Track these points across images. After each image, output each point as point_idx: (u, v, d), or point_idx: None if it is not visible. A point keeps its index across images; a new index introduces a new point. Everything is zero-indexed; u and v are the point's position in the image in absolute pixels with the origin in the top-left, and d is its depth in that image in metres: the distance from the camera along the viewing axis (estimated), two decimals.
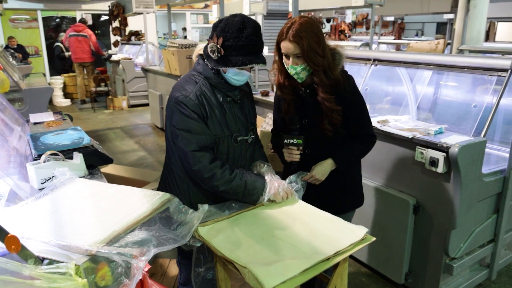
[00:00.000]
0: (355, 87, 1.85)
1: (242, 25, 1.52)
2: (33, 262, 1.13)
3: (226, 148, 1.69)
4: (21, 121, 2.84)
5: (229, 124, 1.68)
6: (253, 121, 1.79)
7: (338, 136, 1.85)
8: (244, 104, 1.77)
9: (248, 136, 1.75)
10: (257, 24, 1.58)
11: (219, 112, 1.65)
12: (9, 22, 10.35)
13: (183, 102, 1.59)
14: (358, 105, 1.85)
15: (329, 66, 1.73)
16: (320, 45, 1.69)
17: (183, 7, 12.62)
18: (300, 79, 1.77)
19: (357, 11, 10.98)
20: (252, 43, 1.54)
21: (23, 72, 6.81)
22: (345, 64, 3.33)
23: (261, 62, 1.58)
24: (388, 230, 2.57)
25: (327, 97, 1.75)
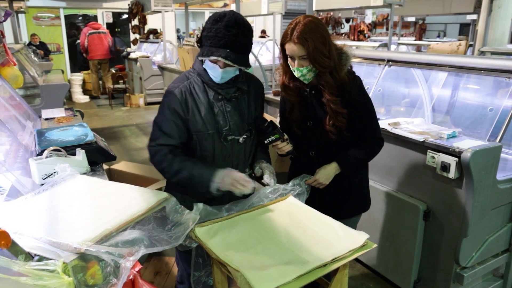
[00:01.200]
0: (362, 88, 1.78)
1: (220, 17, 1.52)
2: (23, 258, 1.13)
3: (211, 146, 1.66)
4: (33, 116, 2.88)
5: (218, 122, 1.64)
6: (251, 121, 1.73)
7: (343, 139, 1.79)
8: (241, 103, 1.71)
9: (240, 136, 1.69)
10: (237, 21, 1.52)
11: (206, 109, 1.63)
12: (33, 20, 10.58)
13: (167, 96, 1.63)
14: (364, 107, 1.78)
15: (336, 67, 1.68)
16: (326, 45, 1.64)
17: (201, 6, 12.66)
18: (306, 80, 1.73)
19: (377, 11, 10.82)
20: (219, 36, 1.50)
21: (43, 69, 6.94)
22: (358, 64, 3.29)
23: (222, 57, 1.49)
24: (397, 235, 2.50)
25: (332, 99, 1.70)
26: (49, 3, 10.31)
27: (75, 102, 9.34)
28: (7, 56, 2.65)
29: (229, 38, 1.50)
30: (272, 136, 1.71)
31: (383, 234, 2.58)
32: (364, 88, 1.81)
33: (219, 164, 1.68)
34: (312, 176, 1.79)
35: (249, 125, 1.73)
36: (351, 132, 1.79)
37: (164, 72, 7.26)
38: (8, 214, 1.33)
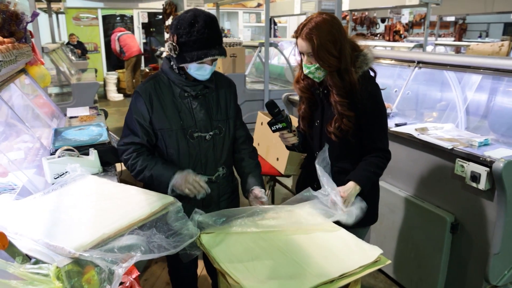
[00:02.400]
0: (374, 94, 1.67)
1: (193, 19, 1.52)
2: (20, 260, 1.11)
3: (176, 143, 1.66)
4: (59, 115, 2.94)
5: (184, 119, 1.66)
6: (219, 118, 1.73)
7: (347, 145, 1.70)
8: (209, 100, 1.71)
9: (207, 133, 1.69)
10: (210, 17, 1.55)
11: (170, 106, 1.65)
12: (73, 20, 10.96)
13: (134, 96, 1.67)
14: (372, 114, 1.67)
15: (346, 68, 1.60)
16: (336, 44, 1.58)
17: (235, 6, 12.70)
18: (316, 78, 1.67)
19: (414, 10, 10.45)
20: (204, 37, 1.52)
21: (79, 67, 7.17)
22: (387, 66, 3.15)
23: (216, 55, 1.56)
24: (422, 247, 2.36)
25: (340, 100, 1.63)
26: (87, 4, 10.63)
27: (110, 100, 9.58)
28: (34, 56, 2.71)
29: (210, 36, 1.54)
30: (280, 124, 1.69)
31: (407, 245, 2.45)
32: (378, 94, 1.69)
33: (185, 161, 1.69)
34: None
35: (218, 122, 1.73)
36: (357, 138, 1.70)
37: None
38: (13, 213, 1.33)
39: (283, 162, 3.04)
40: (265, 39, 5.50)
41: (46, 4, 6.30)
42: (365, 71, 1.66)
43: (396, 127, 2.49)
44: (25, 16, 2.55)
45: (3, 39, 2.10)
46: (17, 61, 2.06)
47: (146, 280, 2.66)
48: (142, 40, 11.94)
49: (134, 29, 11.76)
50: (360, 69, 1.63)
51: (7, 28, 2.47)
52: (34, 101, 2.81)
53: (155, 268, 2.75)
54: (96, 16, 11.16)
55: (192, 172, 1.63)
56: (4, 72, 1.78)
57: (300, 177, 2.00)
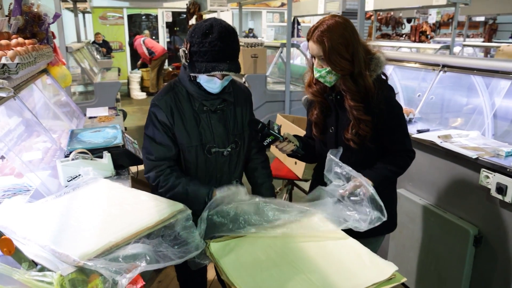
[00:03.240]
0: (389, 97, 1.63)
1: (208, 29, 1.46)
2: (27, 266, 1.11)
3: (194, 158, 1.63)
4: (79, 115, 2.98)
5: (202, 134, 1.61)
6: (236, 132, 1.68)
7: (366, 151, 1.64)
8: (227, 114, 1.66)
9: (224, 148, 1.64)
10: (227, 30, 1.48)
11: (190, 121, 1.60)
12: (99, 19, 11.17)
13: (153, 108, 1.60)
14: (391, 118, 1.62)
15: (360, 72, 1.55)
16: (348, 48, 1.53)
17: (258, 5, 12.67)
18: (328, 83, 1.62)
19: (442, 10, 10.17)
20: (216, 49, 1.45)
21: (104, 66, 7.29)
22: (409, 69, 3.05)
23: (225, 70, 1.47)
24: (443, 260, 2.27)
25: (355, 105, 1.57)
26: (113, 3, 10.82)
27: (133, 99, 9.71)
28: (56, 56, 2.75)
29: (226, 49, 1.48)
30: (268, 138, 1.63)
31: (427, 257, 2.36)
32: (393, 98, 1.65)
33: (201, 176, 1.66)
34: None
35: (235, 136, 1.68)
36: (375, 143, 1.64)
37: None
38: (23, 217, 1.33)
39: (301, 166, 2.99)
40: (287, 39, 5.45)
41: (72, 4, 6.42)
42: (379, 74, 1.60)
43: (418, 134, 2.40)
44: (47, 17, 2.59)
45: (23, 41, 2.14)
46: (36, 62, 2.09)
47: (160, 282, 2.66)
48: (166, 39, 12.07)
49: (159, 28, 11.91)
50: (374, 73, 1.58)
51: (29, 30, 2.51)
52: (55, 101, 2.85)
53: (170, 270, 2.74)
54: (121, 15, 11.34)
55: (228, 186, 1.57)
56: (22, 74, 1.80)
57: (313, 183, 1.95)
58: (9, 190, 1.69)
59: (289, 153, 1.72)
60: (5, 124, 2.15)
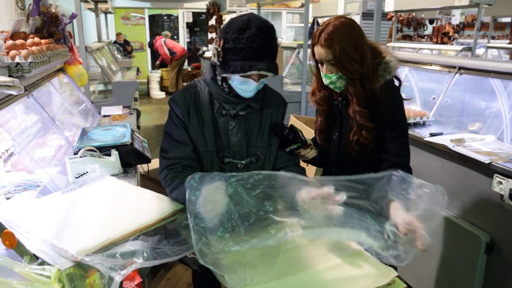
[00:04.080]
0: (396, 104, 1.54)
1: (245, 24, 1.32)
2: (28, 259, 1.14)
3: (209, 166, 1.47)
4: (94, 113, 3.03)
5: (218, 140, 1.46)
6: (259, 145, 1.50)
7: (368, 161, 1.57)
8: (249, 122, 1.48)
9: (240, 160, 1.47)
10: (266, 26, 1.34)
11: (208, 124, 1.45)
12: (121, 19, 11.37)
13: (171, 103, 1.48)
14: (393, 126, 1.54)
15: (368, 74, 1.48)
16: (358, 49, 1.45)
17: (278, 6, 12.66)
18: (338, 88, 1.54)
19: (466, 11, 9.93)
20: (254, 46, 1.30)
21: (124, 66, 7.42)
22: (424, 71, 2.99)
23: (264, 70, 1.31)
24: (454, 267, 2.22)
25: (359, 110, 1.50)
26: (135, 4, 10.99)
27: (152, 98, 9.85)
28: (72, 55, 2.82)
29: (261, 46, 1.31)
30: (294, 145, 1.54)
31: (438, 263, 2.31)
32: (400, 105, 1.57)
33: None
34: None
35: (257, 149, 1.50)
36: (377, 154, 1.57)
37: None
38: (29, 212, 1.37)
39: (312, 168, 2.97)
40: (304, 40, 5.42)
41: (93, 4, 6.57)
42: (388, 80, 1.53)
43: (431, 137, 2.35)
44: (64, 18, 2.65)
45: (39, 40, 2.19)
46: (50, 61, 2.14)
47: (169, 280, 2.68)
48: (186, 39, 12.19)
49: (179, 29, 12.04)
50: (382, 78, 1.51)
51: (46, 30, 2.58)
52: (71, 99, 2.92)
53: (179, 268, 2.77)
54: (143, 16, 11.52)
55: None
56: (35, 72, 1.85)
57: None
58: (20, 186, 1.74)
59: (309, 159, 1.64)
60: (20, 122, 2.21)
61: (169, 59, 9.85)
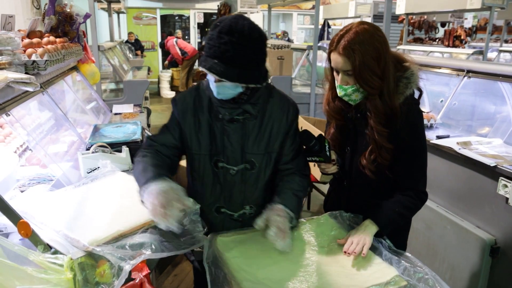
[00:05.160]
0: (416, 124, 1.43)
1: (219, 22, 1.27)
2: (42, 249, 1.19)
3: (202, 169, 1.46)
4: (105, 111, 3.10)
5: (213, 144, 1.43)
6: (255, 151, 1.43)
7: (383, 179, 1.47)
8: (247, 128, 1.42)
9: (233, 166, 1.43)
10: (232, 28, 1.24)
11: (204, 127, 1.43)
12: (133, 19, 11.50)
13: (172, 104, 1.50)
14: (412, 149, 1.43)
15: (389, 90, 1.35)
16: (380, 62, 1.32)
17: (289, 8, 12.69)
18: (352, 101, 1.42)
19: (479, 14, 9.86)
20: (210, 44, 1.26)
21: (135, 65, 7.51)
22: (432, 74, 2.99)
23: (216, 73, 1.24)
24: (458, 269, 2.23)
25: (379, 129, 1.38)
26: (147, 4, 11.11)
27: (162, 97, 9.94)
28: (85, 54, 2.88)
29: (218, 46, 1.24)
30: (316, 157, 1.46)
31: (442, 265, 2.32)
32: (420, 125, 1.46)
33: (207, 190, 1.47)
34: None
35: (252, 155, 1.43)
36: (392, 173, 1.46)
37: None
38: (43, 204, 1.42)
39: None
40: (314, 42, 5.45)
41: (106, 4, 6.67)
42: (408, 95, 1.40)
43: (437, 140, 2.36)
44: (78, 17, 2.72)
45: (54, 39, 2.26)
46: (65, 60, 2.20)
47: (176, 276, 2.73)
48: (197, 40, 12.28)
49: (190, 29, 12.13)
50: (402, 95, 1.38)
51: (61, 29, 2.65)
52: (83, 97, 2.98)
53: (185, 264, 2.82)
54: (155, 16, 11.63)
55: (173, 190, 1.26)
56: (50, 70, 1.91)
57: (327, 200, 1.80)
58: (34, 179, 1.80)
59: (327, 173, 1.54)
60: (34, 118, 2.27)
61: (180, 59, 9.93)
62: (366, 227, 1.39)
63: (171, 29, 12.11)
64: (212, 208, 1.49)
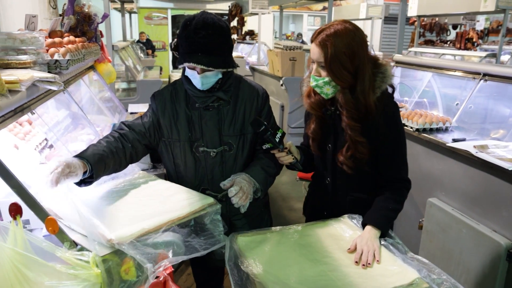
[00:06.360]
0: (392, 118, 1.49)
1: (189, 21, 1.44)
2: (68, 245, 1.21)
3: (183, 155, 1.61)
4: (121, 110, 3.13)
5: (192, 131, 1.58)
6: (230, 134, 1.59)
7: (363, 174, 1.53)
8: (222, 114, 1.58)
9: (213, 149, 1.58)
10: (206, 22, 1.41)
11: (182, 117, 1.59)
12: (144, 19, 11.58)
13: (151, 98, 1.67)
14: (391, 141, 1.49)
15: (363, 90, 1.42)
16: (353, 59, 1.40)
17: (300, 9, 12.69)
18: (324, 94, 1.48)
19: (491, 17, 9.78)
20: (189, 40, 1.42)
21: (147, 65, 7.56)
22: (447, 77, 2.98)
23: (195, 62, 1.41)
24: (473, 273, 2.22)
25: (351, 124, 1.44)
26: (158, 4, 11.18)
27: None
28: (102, 54, 2.92)
29: (198, 41, 1.41)
30: (267, 144, 1.50)
31: (457, 268, 2.31)
32: (397, 117, 1.52)
33: (190, 175, 1.63)
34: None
35: (229, 138, 1.60)
36: (373, 167, 1.52)
37: (255, 73, 7.42)
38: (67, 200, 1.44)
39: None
40: None
41: (120, 4, 6.72)
42: (384, 90, 1.47)
43: (453, 143, 2.36)
44: (96, 17, 2.75)
45: (74, 39, 2.29)
46: (85, 59, 2.23)
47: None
48: None
49: None
50: (379, 89, 1.45)
51: (80, 28, 2.68)
52: (100, 96, 3.02)
53: None
54: (166, 16, 11.70)
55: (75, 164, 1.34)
56: (72, 69, 1.94)
57: (307, 201, 1.83)
58: None
59: (287, 164, 1.59)
60: (54, 116, 2.31)
61: None
62: (369, 233, 1.42)
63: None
64: (197, 190, 1.57)
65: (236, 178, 1.49)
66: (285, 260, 1.34)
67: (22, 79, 1.34)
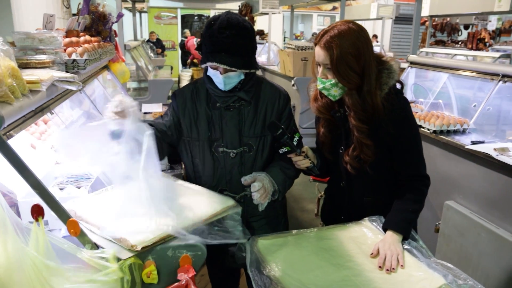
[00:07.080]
0: (403, 115, 1.46)
1: (213, 20, 1.44)
2: (90, 248, 1.20)
3: (202, 154, 1.59)
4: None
5: (212, 131, 1.56)
6: (251, 135, 1.57)
7: (380, 173, 1.52)
8: (243, 114, 1.56)
9: (233, 149, 1.56)
10: (230, 22, 1.41)
11: (202, 116, 1.57)
12: (154, 18, 11.61)
13: (171, 97, 1.66)
14: (405, 139, 1.47)
15: (369, 90, 1.40)
16: (359, 60, 1.38)
17: (310, 9, 12.64)
18: (332, 96, 1.46)
19: (503, 17, 9.66)
20: (213, 40, 1.41)
21: (157, 64, 7.57)
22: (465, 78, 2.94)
23: (217, 61, 1.41)
24: (493, 277, 2.18)
25: (358, 126, 1.43)
26: (168, 4, 11.20)
27: None
28: (116, 53, 2.91)
29: (222, 41, 1.41)
30: (284, 148, 1.46)
31: (476, 272, 2.27)
32: (408, 114, 1.48)
33: (209, 174, 1.60)
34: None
35: (249, 139, 1.57)
36: (375, 170, 1.49)
37: (265, 72, 7.40)
38: (87, 203, 1.44)
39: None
40: None
41: (131, 4, 6.74)
42: (391, 86, 1.45)
43: (472, 145, 2.32)
44: (111, 17, 2.75)
45: (90, 38, 2.29)
46: (101, 59, 2.23)
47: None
48: None
49: None
50: (386, 86, 1.43)
51: (95, 28, 2.68)
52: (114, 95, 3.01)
53: None
54: (175, 15, 11.72)
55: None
56: (89, 69, 1.93)
57: (324, 206, 1.82)
58: (72, 177, 1.82)
59: (303, 169, 1.55)
60: (69, 115, 2.31)
61: (200, 58, 9.98)
62: (391, 237, 1.39)
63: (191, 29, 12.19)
64: (215, 191, 1.56)
65: (258, 175, 1.49)
66: (308, 264, 1.32)
67: (42, 79, 1.33)
